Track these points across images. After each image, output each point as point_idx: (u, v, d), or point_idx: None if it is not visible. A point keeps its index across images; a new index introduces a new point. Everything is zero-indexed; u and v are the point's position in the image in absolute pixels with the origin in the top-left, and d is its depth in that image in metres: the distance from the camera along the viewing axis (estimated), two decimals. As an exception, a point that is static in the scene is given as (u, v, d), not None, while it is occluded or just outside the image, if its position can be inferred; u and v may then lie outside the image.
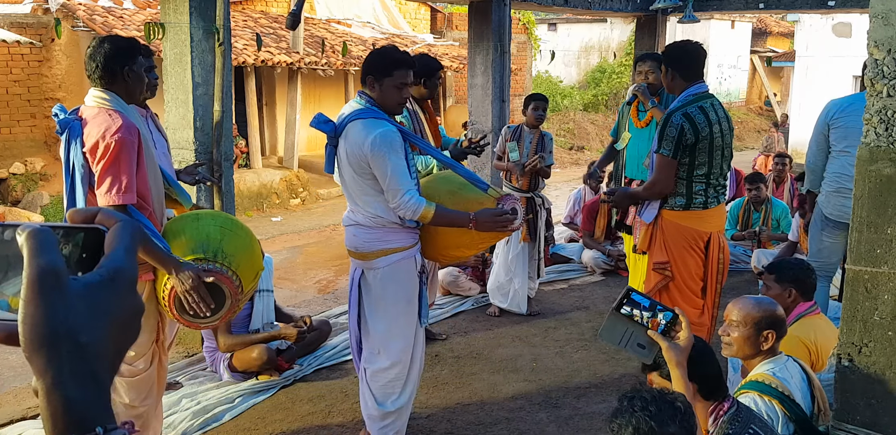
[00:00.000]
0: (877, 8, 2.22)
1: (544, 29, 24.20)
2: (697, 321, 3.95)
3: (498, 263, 5.59)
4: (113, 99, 2.87)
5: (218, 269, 2.84)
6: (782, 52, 23.89)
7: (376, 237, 3.21)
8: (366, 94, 3.18)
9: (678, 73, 3.88)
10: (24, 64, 11.08)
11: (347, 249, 3.34)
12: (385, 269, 3.23)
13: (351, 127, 3.13)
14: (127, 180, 2.77)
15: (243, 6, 13.80)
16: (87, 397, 0.58)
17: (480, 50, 6.90)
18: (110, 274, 0.61)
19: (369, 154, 3.04)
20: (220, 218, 3.12)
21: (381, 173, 3.06)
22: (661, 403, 1.86)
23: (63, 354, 0.57)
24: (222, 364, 4.31)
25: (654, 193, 3.91)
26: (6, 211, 9.90)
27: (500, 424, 3.84)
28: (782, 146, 15.28)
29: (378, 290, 3.26)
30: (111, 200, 2.76)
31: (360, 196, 3.18)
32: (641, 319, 2.18)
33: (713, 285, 3.97)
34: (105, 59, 2.86)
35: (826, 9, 8.66)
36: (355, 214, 3.25)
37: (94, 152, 2.76)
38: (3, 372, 4.73)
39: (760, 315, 2.58)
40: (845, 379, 2.39)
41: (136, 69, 2.91)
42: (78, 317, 0.58)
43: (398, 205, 3.07)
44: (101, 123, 2.78)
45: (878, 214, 2.28)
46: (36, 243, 0.58)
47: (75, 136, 2.78)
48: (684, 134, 3.72)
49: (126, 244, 0.63)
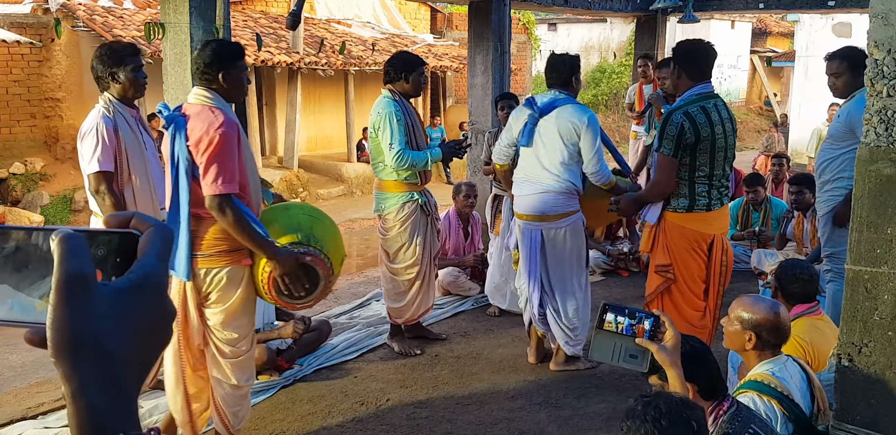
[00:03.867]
0: (877, 8, 2.23)
1: (544, 29, 24.21)
2: (699, 324, 3.93)
3: (492, 264, 5.59)
4: (214, 97, 3.07)
5: (312, 252, 3.10)
6: (782, 52, 23.91)
7: (563, 202, 4.18)
8: (564, 91, 4.22)
9: (684, 71, 3.86)
10: (24, 64, 11.08)
11: (526, 214, 4.24)
12: (568, 227, 4.22)
13: (565, 108, 4.15)
14: (230, 171, 2.97)
15: (243, 6, 13.80)
16: (110, 404, 0.58)
17: (480, 50, 6.90)
18: (140, 280, 0.61)
19: (584, 128, 4.08)
20: (307, 208, 3.43)
21: (588, 145, 4.10)
22: (676, 417, 1.80)
23: (88, 361, 0.57)
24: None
25: (657, 194, 3.89)
26: (6, 211, 9.90)
27: (500, 424, 3.84)
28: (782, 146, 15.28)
29: (562, 244, 4.24)
30: (216, 190, 2.95)
31: (559, 163, 4.14)
32: (626, 330, 2.17)
33: (715, 287, 3.96)
34: (208, 61, 3.05)
35: (826, 9, 8.66)
36: (544, 183, 4.17)
37: (199, 145, 2.95)
38: (3, 372, 4.73)
39: (748, 316, 2.62)
40: (845, 379, 2.39)
41: (235, 72, 3.10)
42: (104, 323, 0.58)
43: (598, 170, 4.15)
44: (205, 119, 2.97)
45: (878, 214, 2.28)
46: (66, 248, 0.57)
47: (180, 131, 2.97)
48: (684, 133, 3.70)
49: (157, 250, 0.62)
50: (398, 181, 4.50)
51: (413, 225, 4.56)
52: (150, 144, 3.81)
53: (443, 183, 12.67)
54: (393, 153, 4.35)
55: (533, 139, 4.20)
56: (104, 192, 3.49)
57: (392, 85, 4.50)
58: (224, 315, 3.13)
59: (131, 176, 3.62)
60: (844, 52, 4.36)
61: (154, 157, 3.83)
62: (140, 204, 3.64)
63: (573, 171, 4.19)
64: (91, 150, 3.50)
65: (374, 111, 4.48)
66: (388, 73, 4.51)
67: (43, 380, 4.41)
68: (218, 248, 3.07)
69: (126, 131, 3.61)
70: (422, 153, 4.44)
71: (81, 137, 3.56)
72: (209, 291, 3.11)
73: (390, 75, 4.50)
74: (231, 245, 3.07)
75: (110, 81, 3.61)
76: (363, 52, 13.46)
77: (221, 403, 3.25)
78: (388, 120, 4.37)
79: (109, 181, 3.51)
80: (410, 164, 4.39)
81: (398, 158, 4.36)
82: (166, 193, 3.92)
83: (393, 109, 4.38)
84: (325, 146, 14.65)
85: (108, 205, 3.49)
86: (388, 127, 4.36)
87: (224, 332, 3.15)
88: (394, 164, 4.38)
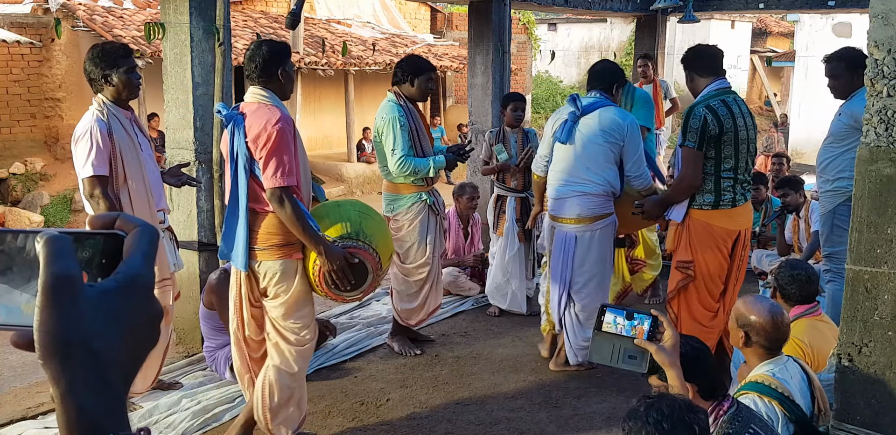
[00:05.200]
0: (877, 8, 2.23)
1: (544, 29, 24.20)
2: (709, 324, 3.90)
3: (495, 265, 5.59)
4: (270, 95, 3.19)
5: (361, 246, 3.24)
6: (782, 52, 23.89)
7: (599, 204, 4.16)
8: (605, 95, 4.24)
9: (695, 72, 3.92)
10: (24, 64, 11.07)
11: (561, 218, 4.23)
12: (601, 229, 4.20)
13: (607, 109, 4.17)
14: (289, 164, 3.10)
15: (243, 6, 13.80)
16: (100, 405, 0.58)
17: (480, 50, 6.90)
18: (126, 280, 0.61)
19: (628, 131, 4.10)
20: (358, 204, 3.51)
21: (633, 148, 4.13)
22: (678, 421, 1.79)
23: (76, 362, 0.57)
24: (223, 364, 4.32)
25: (685, 188, 3.87)
26: (6, 211, 9.90)
27: (500, 424, 3.84)
28: (782, 146, 15.28)
29: (593, 246, 4.21)
30: (276, 183, 3.07)
31: (599, 164, 4.12)
32: (625, 331, 2.16)
33: (733, 286, 3.95)
34: (264, 61, 3.16)
35: (826, 9, 8.66)
36: (583, 185, 4.14)
37: (258, 141, 3.07)
38: (3, 372, 4.73)
39: (742, 314, 2.65)
40: (845, 379, 2.39)
41: (288, 69, 3.24)
42: (91, 324, 0.58)
43: (641, 173, 4.16)
44: (263, 116, 3.10)
45: (878, 214, 2.28)
46: (52, 250, 0.57)
47: (238, 128, 3.11)
48: (707, 125, 3.72)
49: (144, 250, 0.62)
50: (406, 183, 4.51)
51: (422, 224, 4.57)
52: (145, 146, 3.78)
53: (443, 182, 12.68)
54: (395, 159, 4.36)
55: (573, 137, 4.17)
56: (98, 196, 3.46)
57: (398, 87, 4.50)
58: (285, 308, 3.26)
59: (126, 179, 3.59)
60: (841, 53, 4.36)
61: (150, 159, 3.80)
62: (136, 206, 3.62)
63: (614, 172, 4.16)
64: (85, 154, 3.47)
65: (378, 116, 4.49)
66: (396, 74, 4.51)
67: (43, 380, 4.41)
68: (271, 241, 3.20)
69: (121, 134, 3.58)
70: (425, 160, 4.43)
71: (76, 141, 3.54)
72: (266, 286, 3.25)
73: (398, 77, 4.50)
74: (284, 239, 3.20)
75: (103, 84, 3.59)
76: (363, 52, 13.45)
77: (276, 388, 3.32)
78: (392, 125, 4.37)
79: (104, 185, 3.49)
80: (412, 170, 4.40)
81: (400, 165, 4.37)
82: (163, 194, 3.93)
83: (396, 115, 4.38)
84: (325, 146, 14.65)
85: (102, 209, 3.45)
86: (391, 132, 4.37)
87: (287, 322, 3.28)
88: (396, 170, 4.39)
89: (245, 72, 3.22)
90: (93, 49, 3.66)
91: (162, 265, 3.76)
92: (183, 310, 4.63)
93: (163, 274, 3.77)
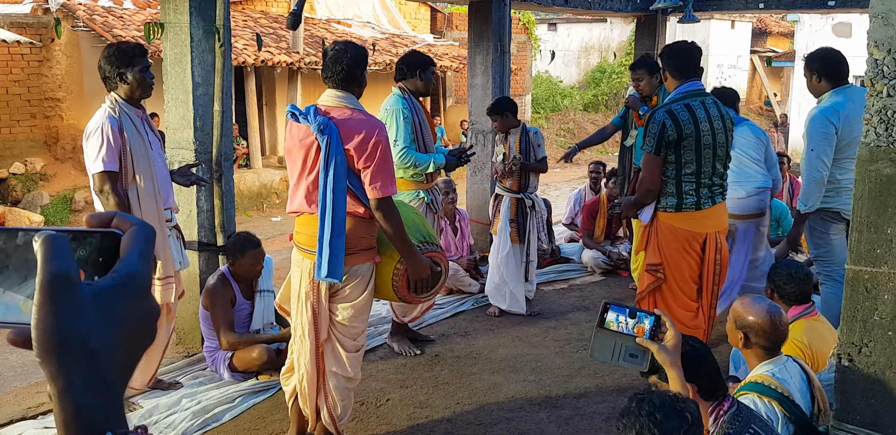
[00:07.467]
0: (877, 8, 2.23)
1: (544, 29, 24.19)
2: (691, 324, 3.93)
3: (491, 266, 5.60)
4: (349, 98, 3.18)
5: (435, 249, 3.35)
6: (782, 52, 23.88)
7: None
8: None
9: (669, 71, 3.91)
10: (24, 64, 11.07)
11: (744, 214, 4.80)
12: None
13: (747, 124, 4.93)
14: (392, 175, 3.14)
15: (243, 6, 13.79)
16: (97, 403, 0.58)
17: (480, 50, 6.90)
18: (123, 279, 0.61)
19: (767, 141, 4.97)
20: (401, 204, 3.50)
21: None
22: (670, 410, 1.81)
23: (73, 360, 0.57)
24: (222, 364, 4.31)
25: (645, 191, 3.92)
26: (6, 211, 9.90)
27: (500, 424, 3.84)
28: (782, 146, 15.29)
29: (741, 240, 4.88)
30: (381, 193, 3.09)
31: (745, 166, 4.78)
32: (627, 329, 2.16)
33: (709, 287, 3.96)
34: (350, 64, 3.15)
35: (826, 9, 8.66)
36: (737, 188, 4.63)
37: (361, 150, 3.05)
38: (3, 372, 4.73)
39: (741, 315, 2.66)
40: (845, 379, 2.39)
41: (366, 73, 3.26)
42: (89, 323, 0.58)
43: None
44: (363, 124, 3.08)
45: (878, 214, 2.28)
46: (49, 249, 0.57)
47: (334, 135, 3.04)
48: (665, 130, 3.74)
49: (140, 249, 0.63)
50: (405, 179, 4.53)
51: None
52: (155, 144, 3.81)
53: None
54: (396, 150, 4.38)
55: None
56: (108, 191, 3.50)
57: (403, 82, 4.55)
58: (354, 310, 3.26)
59: (135, 176, 3.62)
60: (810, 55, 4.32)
61: (160, 157, 3.84)
62: (144, 204, 3.64)
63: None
64: (96, 149, 3.51)
65: (382, 108, 4.52)
66: (401, 70, 4.54)
67: (43, 380, 4.39)
68: (359, 246, 3.20)
69: (132, 132, 3.61)
70: (426, 156, 4.49)
71: (87, 137, 3.57)
72: (345, 286, 3.22)
73: (403, 72, 4.53)
74: (368, 243, 3.23)
75: (118, 82, 3.63)
76: (363, 52, 13.44)
77: (336, 396, 3.35)
78: (395, 117, 4.42)
79: (114, 181, 3.53)
80: (413, 163, 4.46)
81: (402, 156, 4.41)
82: (171, 193, 3.94)
83: (400, 107, 4.43)
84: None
85: (111, 204, 3.50)
86: (393, 123, 4.42)
87: (350, 325, 3.28)
88: (397, 160, 4.40)
89: (323, 74, 3.21)
90: (109, 48, 3.71)
91: (167, 262, 3.77)
92: (183, 310, 4.63)
93: (167, 271, 3.78)
